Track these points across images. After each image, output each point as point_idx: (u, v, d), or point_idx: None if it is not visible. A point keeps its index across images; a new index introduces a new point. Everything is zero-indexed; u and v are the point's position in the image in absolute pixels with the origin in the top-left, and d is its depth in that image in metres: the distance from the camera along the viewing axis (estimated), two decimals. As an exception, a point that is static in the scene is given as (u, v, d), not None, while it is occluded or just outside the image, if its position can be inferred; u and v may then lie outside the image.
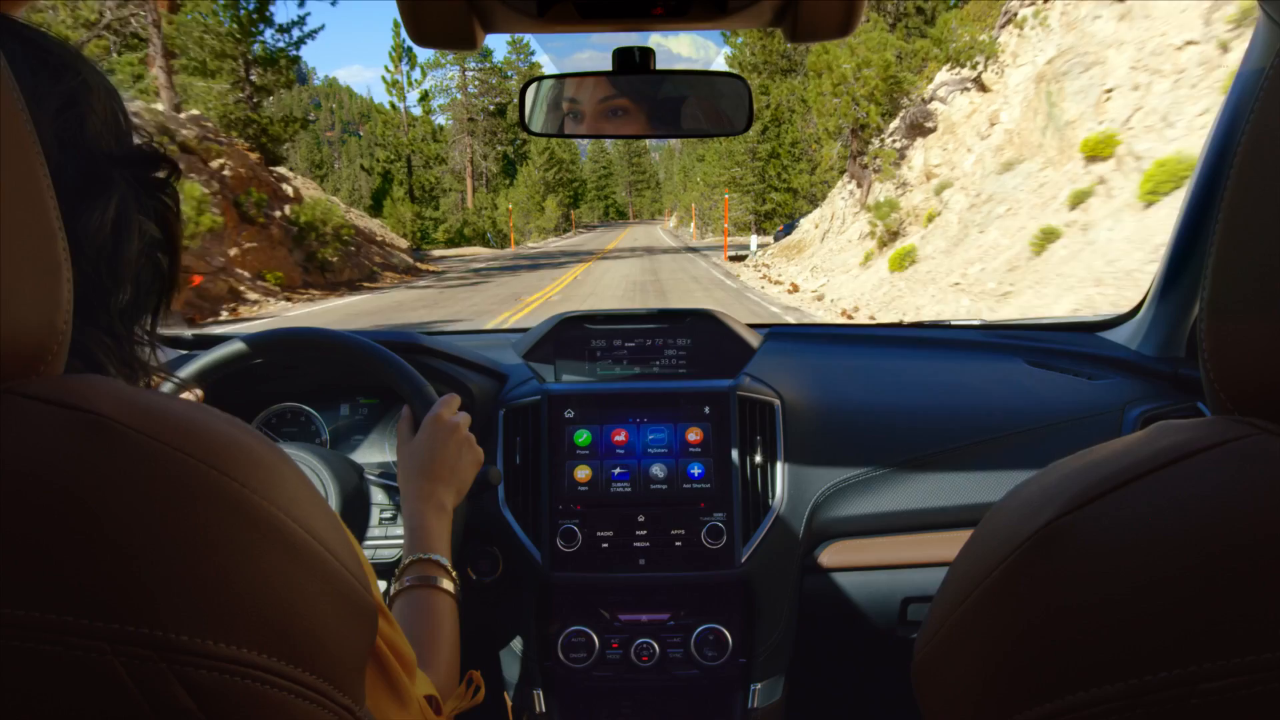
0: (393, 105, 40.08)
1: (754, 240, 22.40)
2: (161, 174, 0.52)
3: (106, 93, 0.49)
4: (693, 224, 43.10)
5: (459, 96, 50.23)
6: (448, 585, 0.85)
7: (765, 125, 32.36)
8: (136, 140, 0.52)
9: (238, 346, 1.02)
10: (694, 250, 29.61)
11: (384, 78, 38.11)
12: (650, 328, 1.41)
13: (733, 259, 21.96)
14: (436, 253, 31.08)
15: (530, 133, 1.07)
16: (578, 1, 0.76)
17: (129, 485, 0.32)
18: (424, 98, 39.10)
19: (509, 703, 1.24)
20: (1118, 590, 0.30)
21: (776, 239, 24.63)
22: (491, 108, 50.97)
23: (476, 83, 50.31)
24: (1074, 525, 0.32)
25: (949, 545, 1.21)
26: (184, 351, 1.22)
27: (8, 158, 0.33)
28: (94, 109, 0.48)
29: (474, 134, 50.81)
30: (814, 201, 29.50)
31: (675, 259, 24.64)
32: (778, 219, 26.80)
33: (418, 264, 22.40)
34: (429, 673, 0.75)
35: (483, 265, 23.88)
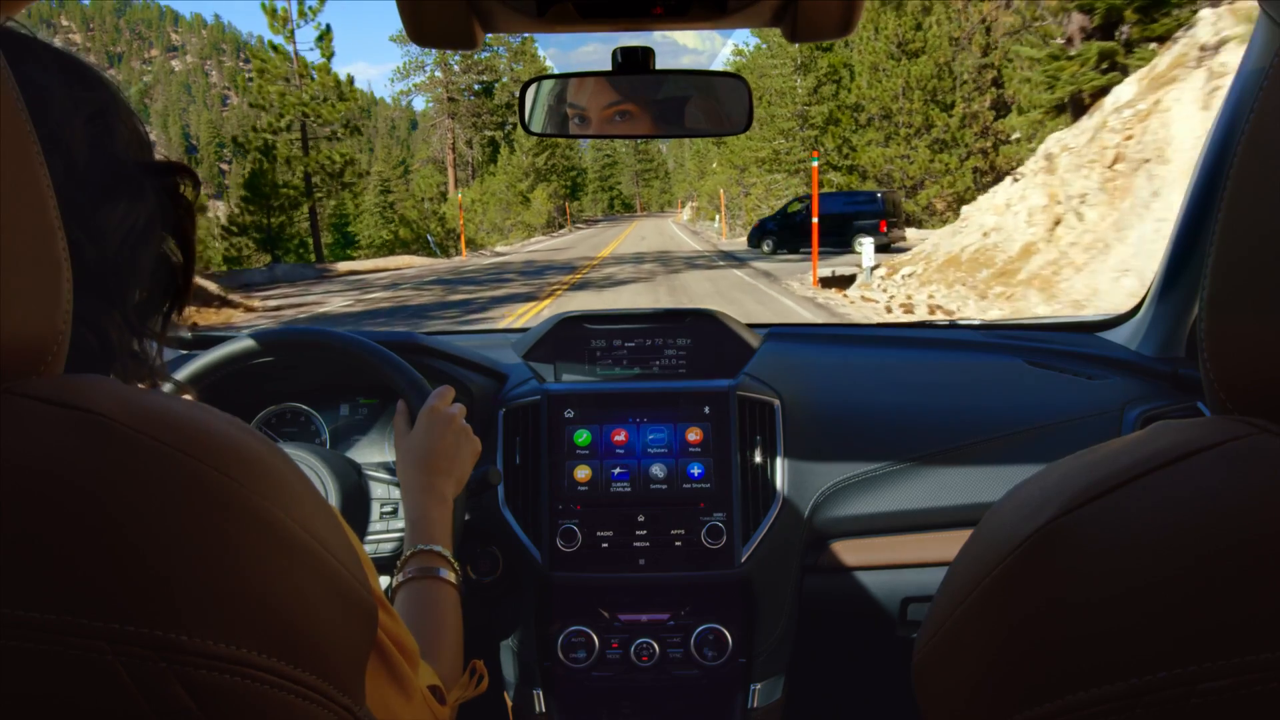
0: (275, 47, 23.18)
1: (869, 246, 11.21)
2: (187, 189, 0.56)
3: (132, 113, 0.54)
4: (719, 218, 31.24)
5: (438, 74, 42.66)
6: (449, 576, 0.85)
7: (820, 79, 23.31)
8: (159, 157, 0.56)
9: (237, 346, 1.02)
10: (734, 259, 18.30)
11: (264, 4, 22.86)
12: (650, 327, 1.41)
13: (825, 282, 11.59)
14: (342, 267, 21.57)
15: (531, 133, 1.07)
16: (577, 1, 0.76)
17: (128, 485, 0.32)
18: (323, 37, 23.38)
19: (509, 703, 1.24)
20: (1117, 590, 0.30)
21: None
22: (476, 86, 43.88)
23: (458, 58, 41.99)
24: (1074, 525, 0.32)
25: (949, 545, 1.21)
26: (184, 351, 1.22)
27: (7, 158, 0.33)
28: (122, 121, 0.52)
29: (455, 116, 43.44)
30: (883, 182, 20.64)
31: (714, 282, 13.64)
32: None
33: (201, 309, 11.43)
34: (433, 663, 0.75)
35: (339, 308, 12.35)
